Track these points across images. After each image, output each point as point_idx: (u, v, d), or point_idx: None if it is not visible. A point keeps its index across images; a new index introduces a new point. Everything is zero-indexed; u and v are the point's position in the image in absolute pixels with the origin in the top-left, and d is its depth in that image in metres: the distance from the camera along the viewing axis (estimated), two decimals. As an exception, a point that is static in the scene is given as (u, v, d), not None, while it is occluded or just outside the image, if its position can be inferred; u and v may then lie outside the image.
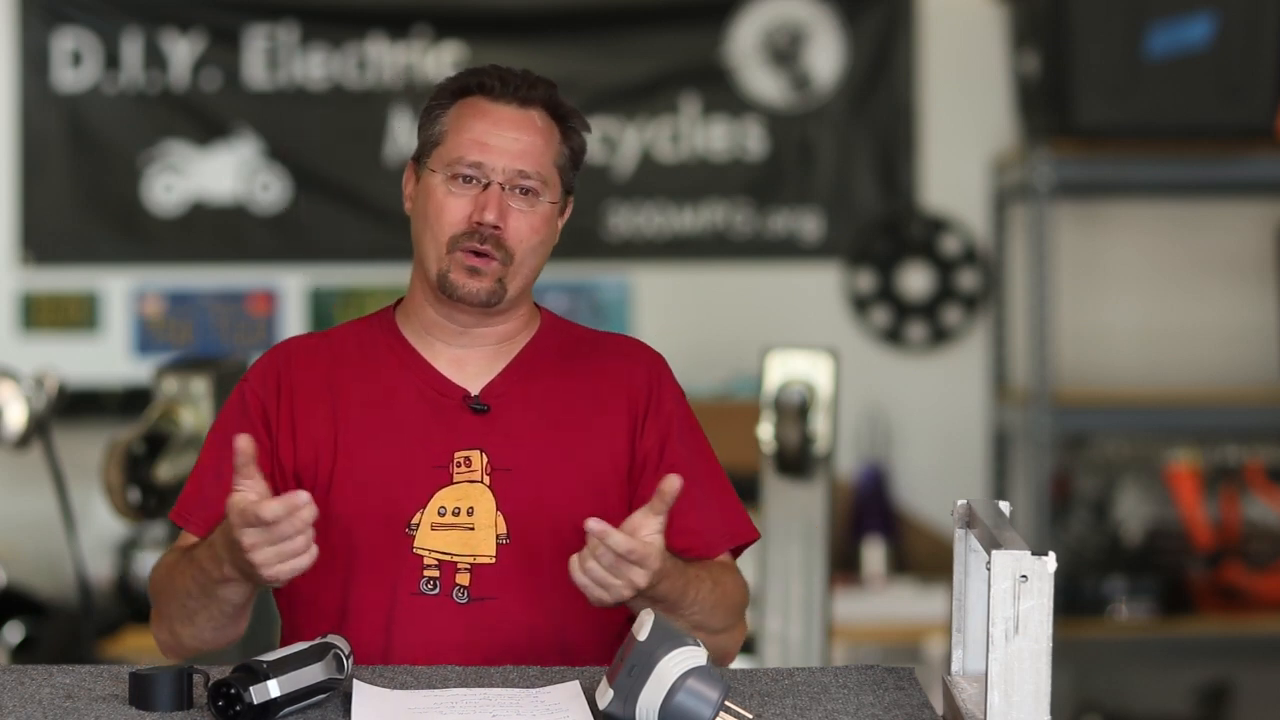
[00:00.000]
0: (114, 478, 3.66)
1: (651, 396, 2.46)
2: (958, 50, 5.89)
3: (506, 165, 2.39)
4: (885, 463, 5.82)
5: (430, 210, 2.41)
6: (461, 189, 2.40)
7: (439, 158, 2.42)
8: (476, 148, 2.39)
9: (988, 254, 5.93)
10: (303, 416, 2.41)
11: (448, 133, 2.42)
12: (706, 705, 1.97)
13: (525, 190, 2.40)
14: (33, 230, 5.83)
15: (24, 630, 5.04)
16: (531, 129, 2.42)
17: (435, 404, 2.41)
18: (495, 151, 2.39)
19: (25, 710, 2.07)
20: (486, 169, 2.39)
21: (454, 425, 2.39)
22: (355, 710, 2.07)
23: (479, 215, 2.38)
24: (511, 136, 2.40)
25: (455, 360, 2.44)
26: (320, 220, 5.87)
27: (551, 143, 2.44)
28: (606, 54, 5.88)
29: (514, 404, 2.42)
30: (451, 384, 2.42)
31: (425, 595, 2.35)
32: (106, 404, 5.69)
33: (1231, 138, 5.45)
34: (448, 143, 2.41)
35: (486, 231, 2.38)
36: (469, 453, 2.38)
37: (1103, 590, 5.50)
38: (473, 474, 2.38)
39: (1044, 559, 1.83)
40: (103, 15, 5.83)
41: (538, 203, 2.42)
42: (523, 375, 2.45)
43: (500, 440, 2.38)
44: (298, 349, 2.49)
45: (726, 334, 5.82)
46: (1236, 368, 5.86)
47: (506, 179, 2.39)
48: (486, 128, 2.40)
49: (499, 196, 2.38)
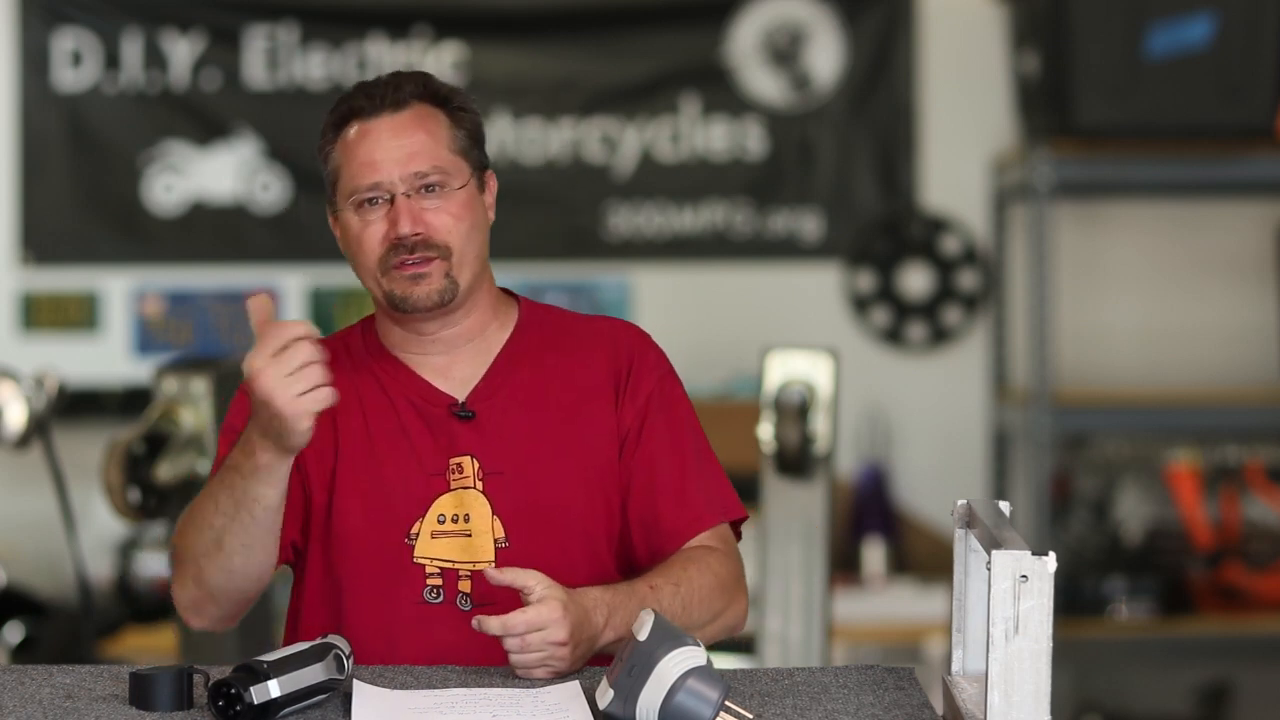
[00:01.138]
0: (114, 478, 3.66)
1: (631, 373, 2.45)
2: (958, 50, 5.89)
3: (401, 172, 2.37)
4: (885, 463, 5.82)
5: (352, 244, 2.41)
6: (371, 213, 2.38)
7: (341, 194, 2.41)
8: (367, 170, 2.37)
9: (988, 254, 5.93)
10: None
11: (340, 167, 2.41)
12: (706, 705, 1.97)
13: (430, 188, 2.38)
14: (33, 230, 5.83)
15: (24, 630, 5.04)
16: (414, 128, 2.39)
17: (425, 413, 2.41)
18: (384, 166, 2.37)
19: (25, 710, 2.07)
20: (384, 185, 2.37)
21: (445, 433, 2.39)
22: (355, 710, 2.07)
23: (394, 232, 2.36)
24: (396, 144, 2.37)
25: (440, 368, 2.43)
26: (320, 220, 5.80)
27: (439, 132, 2.40)
28: (606, 54, 5.88)
29: (500, 406, 2.41)
30: (438, 392, 2.42)
31: (429, 604, 2.35)
32: (106, 404, 5.69)
33: (1231, 138, 5.45)
34: (343, 176, 2.40)
35: (410, 242, 2.36)
36: (460, 459, 2.38)
37: (1103, 590, 5.50)
38: (465, 480, 2.37)
39: (1044, 559, 1.83)
40: (103, 15, 5.83)
41: (447, 193, 2.39)
42: (507, 374, 2.43)
43: (489, 444, 2.38)
44: None
45: (726, 334, 5.82)
46: (1236, 368, 5.86)
47: (407, 185, 2.37)
48: (370, 147, 2.38)
49: (407, 205, 2.36)
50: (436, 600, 2.35)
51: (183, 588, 2.35)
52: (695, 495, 2.42)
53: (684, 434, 2.46)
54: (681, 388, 2.50)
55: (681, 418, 2.47)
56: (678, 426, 2.45)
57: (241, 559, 2.28)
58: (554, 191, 5.79)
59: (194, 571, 2.31)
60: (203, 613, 2.34)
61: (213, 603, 2.33)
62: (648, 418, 2.43)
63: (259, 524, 2.27)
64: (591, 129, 5.87)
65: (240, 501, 2.25)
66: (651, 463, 2.42)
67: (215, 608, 2.33)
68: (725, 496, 2.46)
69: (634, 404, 2.43)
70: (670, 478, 2.42)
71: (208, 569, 2.30)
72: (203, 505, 2.31)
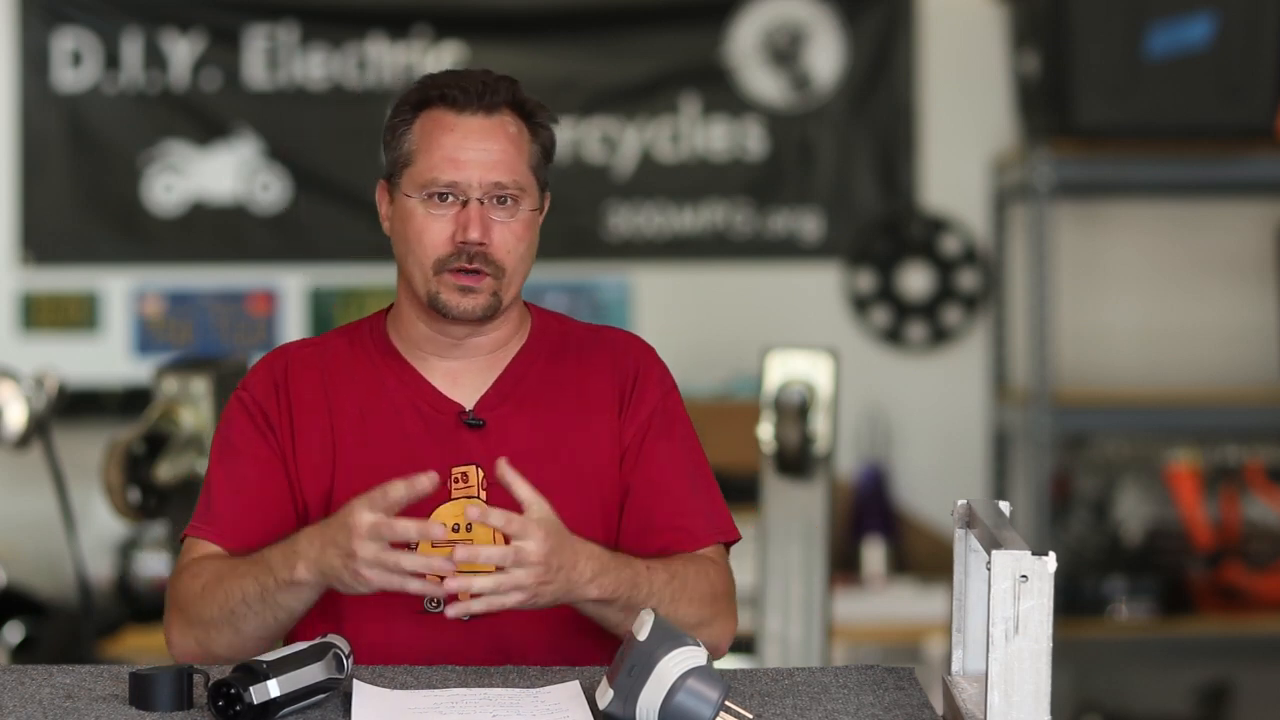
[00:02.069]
0: (114, 478, 3.66)
1: (635, 388, 2.43)
2: (958, 50, 5.89)
3: (482, 178, 2.33)
4: (885, 463, 5.82)
5: (410, 235, 2.36)
6: (440, 209, 2.34)
7: (411, 179, 2.36)
8: (449, 165, 2.33)
9: (988, 254, 5.93)
10: (302, 428, 2.39)
11: (416, 152, 2.36)
12: (707, 705, 1.97)
13: (504, 200, 2.35)
14: (33, 230, 5.83)
15: (24, 630, 5.04)
16: (502, 136, 2.36)
17: (431, 420, 2.39)
18: (468, 166, 2.33)
19: (26, 710, 2.07)
20: (462, 186, 2.33)
21: (450, 441, 2.37)
22: (355, 710, 2.07)
23: (462, 235, 2.33)
24: (483, 148, 2.34)
25: (449, 374, 2.42)
26: (320, 220, 5.87)
27: (523, 146, 2.38)
28: (606, 54, 5.88)
29: (508, 415, 2.40)
30: (446, 399, 2.40)
31: (428, 613, 2.34)
32: (106, 404, 5.69)
33: (1231, 138, 5.44)
34: (418, 163, 2.35)
35: (473, 250, 2.33)
36: (465, 468, 2.36)
37: (1103, 590, 5.50)
38: (469, 489, 2.36)
39: (1044, 559, 1.83)
40: (103, 15, 5.83)
41: (518, 210, 2.36)
42: (515, 384, 2.42)
43: (495, 454, 2.34)
44: (294, 358, 2.45)
45: (726, 334, 5.82)
46: (1236, 368, 5.86)
47: (484, 192, 2.34)
48: (456, 142, 2.34)
49: (479, 213, 2.33)
50: (437, 610, 2.34)
51: (182, 638, 2.34)
52: (693, 515, 2.40)
53: (684, 453, 2.44)
54: (683, 405, 2.48)
55: (682, 436, 2.45)
56: (678, 445, 2.44)
57: (257, 641, 2.29)
58: (554, 191, 5.76)
59: (199, 634, 2.31)
60: (197, 660, 2.31)
61: (211, 659, 2.31)
62: (649, 434, 2.42)
63: (280, 623, 2.28)
64: (591, 129, 5.87)
65: (267, 602, 2.25)
66: (650, 480, 2.40)
67: (212, 661, 2.31)
68: (721, 518, 2.45)
69: (636, 418, 2.42)
70: (668, 497, 2.40)
71: (216, 639, 2.30)
72: (228, 579, 2.28)
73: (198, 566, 2.34)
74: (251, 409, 2.40)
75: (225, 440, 2.40)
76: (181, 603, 2.33)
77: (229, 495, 2.37)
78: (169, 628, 2.35)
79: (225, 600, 2.27)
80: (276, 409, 2.40)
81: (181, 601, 2.33)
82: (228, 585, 2.27)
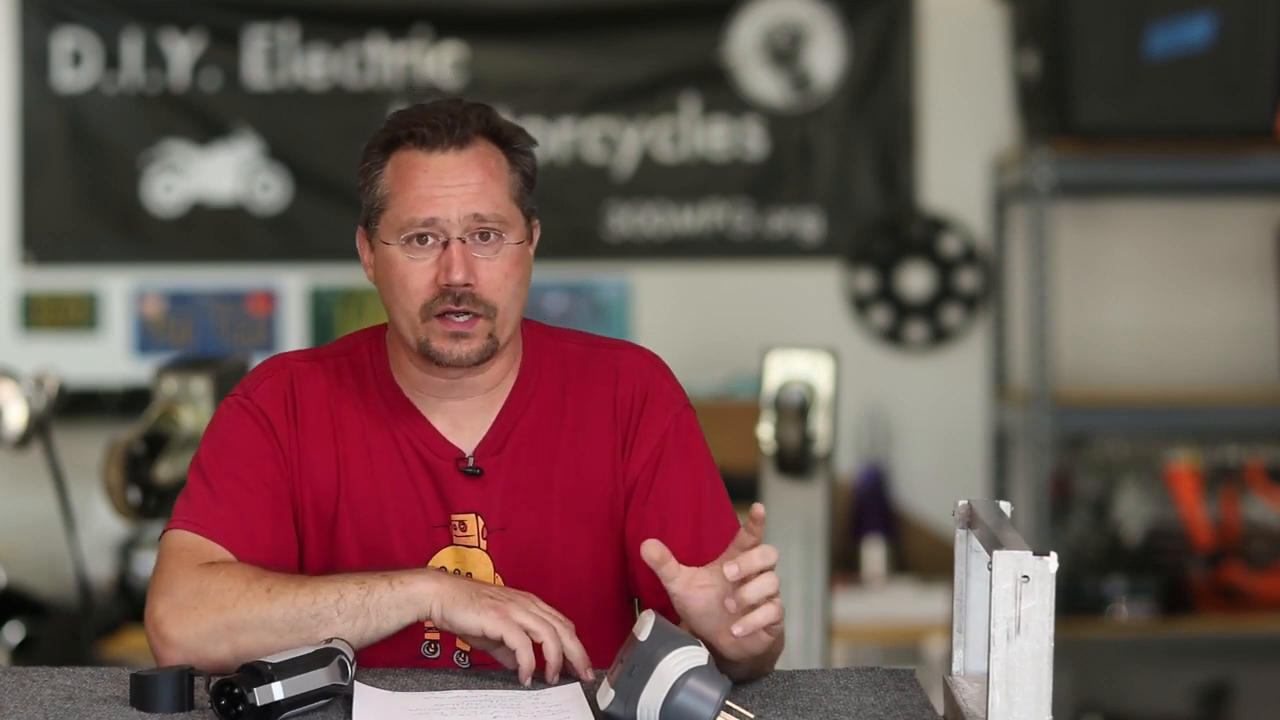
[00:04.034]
0: (114, 478, 3.66)
1: (642, 415, 2.36)
2: (958, 50, 5.89)
3: (460, 214, 2.25)
4: (885, 463, 5.82)
5: (394, 282, 2.28)
6: (420, 252, 2.26)
7: (388, 225, 2.28)
8: (424, 205, 2.25)
9: (988, 254, 5.93)
10: (308, 447, 2.33)
11: (390, 196, 2.27)
12: (707, 705, 1.97)
13: (486, 235, 2.27)
14: (33, 230, 5.83)
15: (24, 630, 5.04)
16: (478, 169, 2.27)
17: (432, 464, 2.33)
18: (444, 204, 2.25)
19: (26, 712, 2.07)
20: (440, 224, 2.25)
21: (450, 487, 2.32)
22: (356, 712, 2.06)
23: (445, 277, 2.24)
24: (459, 184, 2.25)
25: (449, 415, 2.34)
26: (320, 220, 5.87)
27: (501, 176, 2.29)
28: (606, 54, 5.88)
29: (506, 460, 2.34)
30: (447, 444, 2.34)
31: (426, 659, 2.31)
32: (106, 404, 5.69)
33: (1231, 138, 5.44)
34: (393, 207, 2.27)
35: (458, 291, 2.25)
36: (464, 517, 2.32)
37: (1103, 590, 5.50)
38: (469, 539, 2.32)
39: (1045, 559, 1.83)
40: (103, 15, 5.83)
41: (503, 245, 2.28)
42: (513, 423, 2.35)
43: (494, 502, 2.31)
44: (297, 372, 2.37)
45: (726, 334, 5.83)
46: (1236, 368, 5.86)
47: (464, 229, 2.25)
48: (430, 181, 2.25)
49: (461, 251, 2.25)
50: (433, 656, 2.31)
51: (215, 646, 2.18)
52: (709, 543, 2.30)
53: (699, 477, 2.37)
54: (695, 420, 2.41)
55: (696, 457, 2.38)
56: (693, 469, 2.37)
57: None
58: (554, 191, 5.78)
59: (232, 641, 2.17)
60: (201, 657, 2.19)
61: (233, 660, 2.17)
62: (662, 461, 2.35)
63: (365, 638, 2.20)
64: (591, 129, 5.87)
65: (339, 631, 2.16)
66: (665, 507, 2.34)
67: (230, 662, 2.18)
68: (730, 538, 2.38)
69: (645, 449, 2.35)
70: (684, 523, 2.33)
71: (245, 641, 2.17)
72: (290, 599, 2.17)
73: (231, 567, 2.23)
74: (258, 417, 2.33)
75: (225, 444, 2.33)
76: (215, 600, 2.19)
77: (242, 503, 2.29)
78: (168, 621, 2.21)
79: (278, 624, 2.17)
80: (285, 422, 2.33)
81: (215, 599, 2.19)
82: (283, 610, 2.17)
